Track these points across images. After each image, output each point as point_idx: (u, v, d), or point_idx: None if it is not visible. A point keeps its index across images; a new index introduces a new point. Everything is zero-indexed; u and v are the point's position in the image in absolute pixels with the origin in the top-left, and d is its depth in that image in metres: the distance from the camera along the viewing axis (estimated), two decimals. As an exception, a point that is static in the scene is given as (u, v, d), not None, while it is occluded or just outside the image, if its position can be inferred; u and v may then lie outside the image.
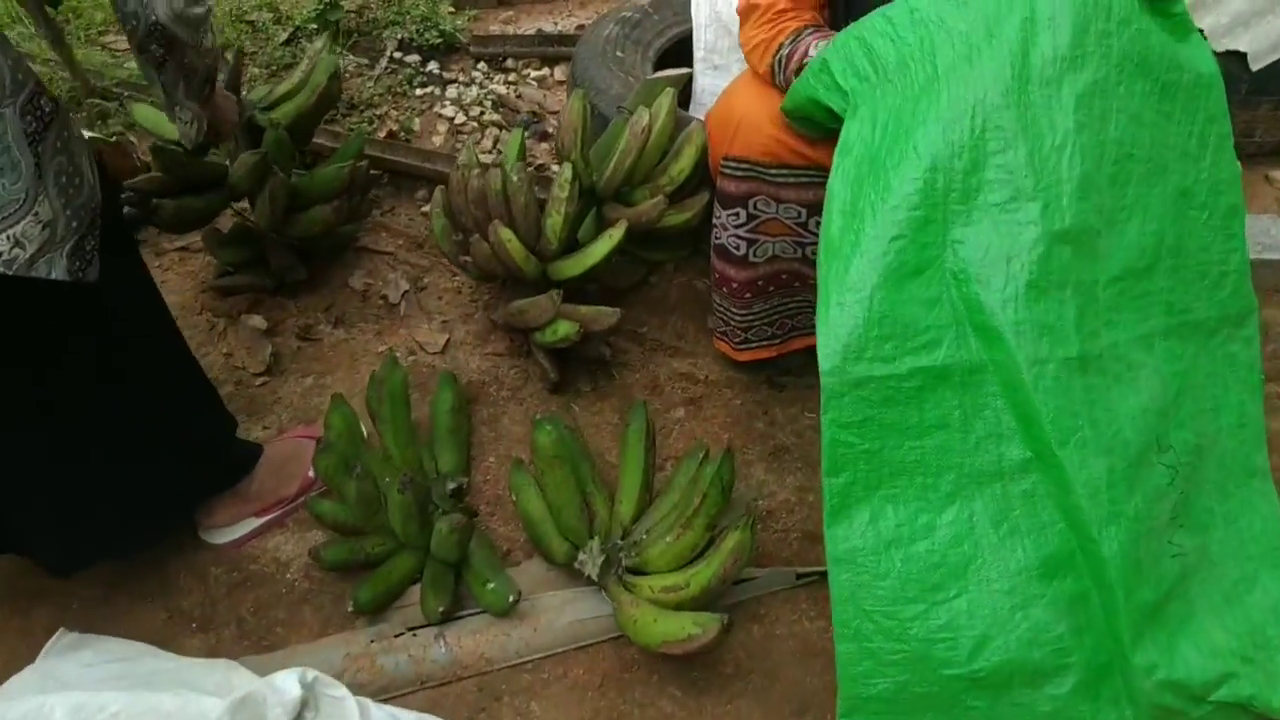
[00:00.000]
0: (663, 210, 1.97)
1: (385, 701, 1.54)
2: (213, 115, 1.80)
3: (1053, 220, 1.25)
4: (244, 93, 2.20)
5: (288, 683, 1.29)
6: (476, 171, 1.96)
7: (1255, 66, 2.45)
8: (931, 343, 1.24)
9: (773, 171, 1.74)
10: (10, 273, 1.24)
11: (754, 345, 2.03)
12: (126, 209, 2.08)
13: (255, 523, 1.85)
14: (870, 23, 1.39)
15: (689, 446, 1.93)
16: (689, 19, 2.50)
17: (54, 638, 1.61)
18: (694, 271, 2.31)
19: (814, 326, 1.30)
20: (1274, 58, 2.44)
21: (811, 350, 1.35)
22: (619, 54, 2.48)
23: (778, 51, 1.64)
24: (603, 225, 2.02)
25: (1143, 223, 1.32)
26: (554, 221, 1.93)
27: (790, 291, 1.94)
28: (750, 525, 1.59)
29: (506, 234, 1.90)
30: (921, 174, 1.24)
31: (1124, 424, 1.27)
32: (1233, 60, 2.46)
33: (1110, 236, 1.29)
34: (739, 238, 1.85)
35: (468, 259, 1.99)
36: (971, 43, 1.29)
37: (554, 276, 2.00)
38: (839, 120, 1.39)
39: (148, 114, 2.17)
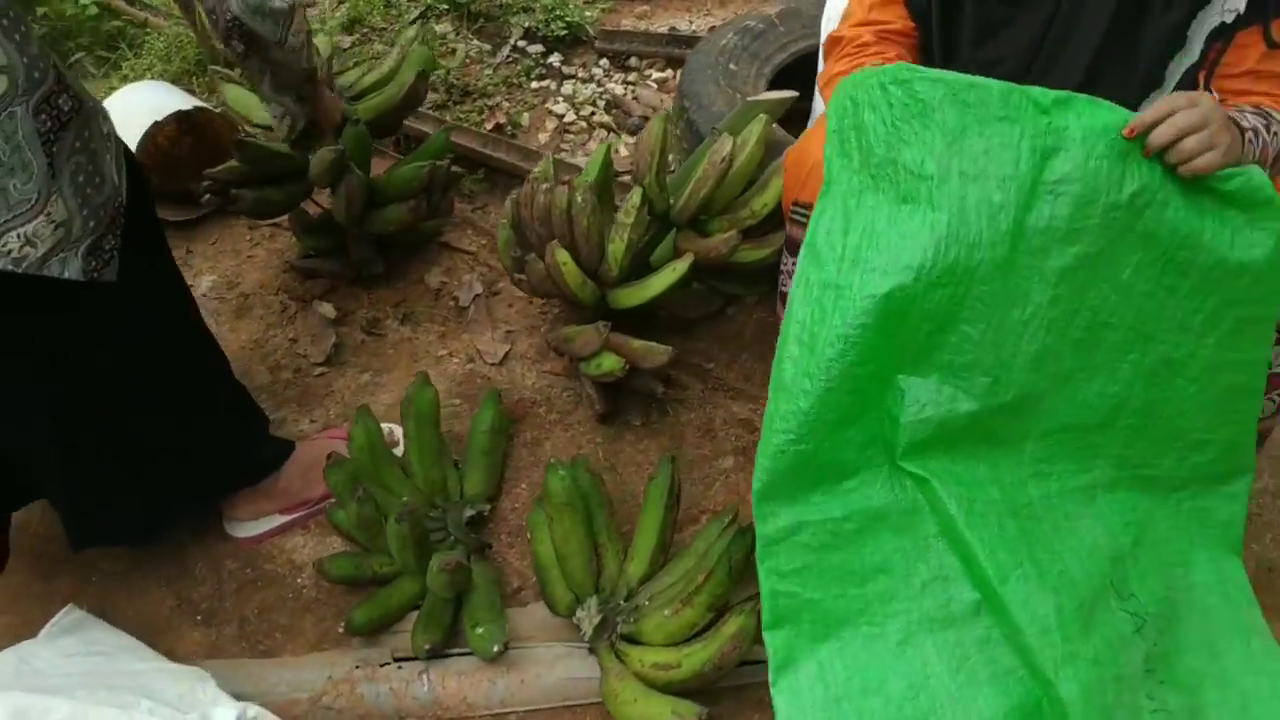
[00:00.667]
0: (734, 247, 1.83)
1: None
2: (315, 112, 1.77)
3: (995, 396, 1.18)
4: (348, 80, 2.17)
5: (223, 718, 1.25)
6: (546, 186, 1.86)
7: None
8: (865, 484, 1.20)
9: None
10: (20, 271, 1.23)
11: None
12: (206, 196, 2.09)
13: (277, 520, 1.83)
14: (876, 90, 1.23)
15: (728, 503, 1.81)
16: (817, 34, 2.33)
17: (61, 613, 1.63)
18: (775, 308, 2.16)
19: None
20: None
21: None
22: (732, 66, 2.34)
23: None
24: (676, 254, 1.91)
25: (1104, 385, 1.24)
26: (616, 247, 1.83)
27: None
28: (755, 613, 1.45)
29: (564, 256, 1.80)
30: (885, 322, 1.15)
31: (1069, 564, 1.18)
32: None
33: (1058, 395, 1.23)
34: (805, 288, 1.71)
35: (522, 277, 1.90)
36: (974, 188, 1.15)
37: (613, 304, 1.90)
38: None
39: (238, 96, 2.18)
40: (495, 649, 1.54)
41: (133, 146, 2.33)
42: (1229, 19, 1.32)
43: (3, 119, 1.17)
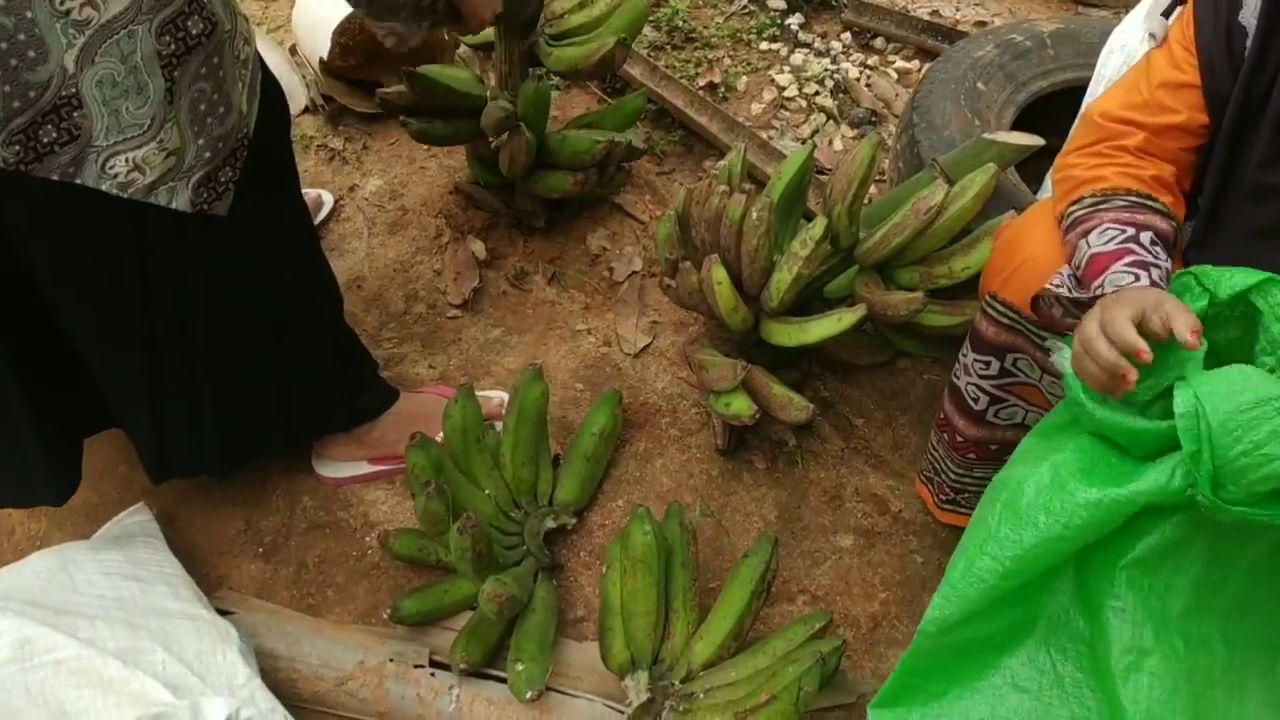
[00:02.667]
0: (917, 309, 1.58)
1: (377, 728, 1.41)
2: (462, 4, 1.58)
3: None
4: None
5: (211, 711, 1.17)
6: (723, 189, 1.65)
7: None
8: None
9: (1043, 334, 1.32)
10: (125, 196, 1.14)
11: (962, 510, 1.64)
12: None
13: (364, 469, 1.75)
14: None
15: (833, 591, 1.61)
16: (1092, 65, 1.98)
17: (128, 511, 1.61)
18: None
19: None
20: None
21: None
22: (980, 85, 2.02)
23: (1075, 204, 1.20)
24: (853, 298, 1.67)
25: None
26: (782, 278, 1.60)
27: None
28: (814, 751, 1.26)
29: (720, 275, 1.60)
30: None
31: None
32: None
33: None
34: (982, 390, 1.46)
35: (671, 284, 1.71)
36: None
37: (766, 336, 1.69)
38: None
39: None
40: (529, 695, 1.41)
41: (332, 30, 2.24)
42: None
43: (120, 37, 1.05)
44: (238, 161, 1.25)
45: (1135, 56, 1.77)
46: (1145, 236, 1.14)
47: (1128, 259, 1.11)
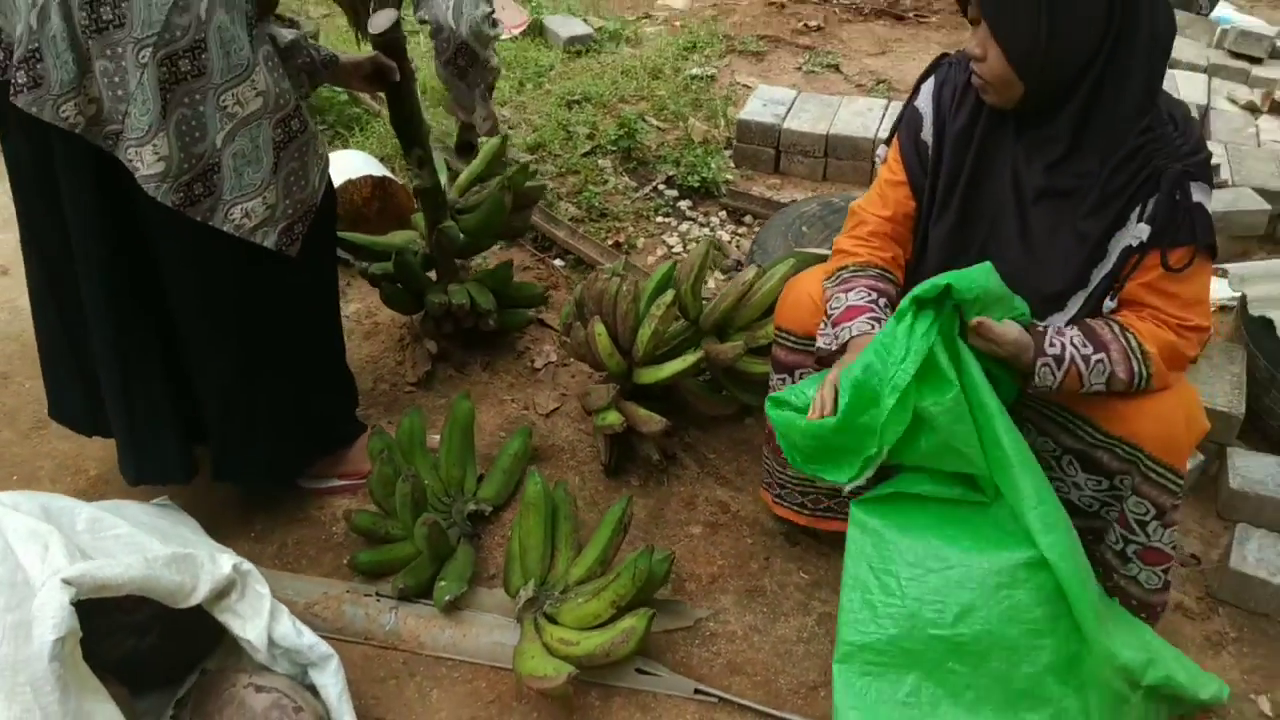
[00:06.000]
0: (738, 354, 2.24)
1: (332, 644, 1.91)
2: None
3: None
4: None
5: (222, 559, 1.70)
6: (606, 276, 2.34)
7: None
8: None
9: (816, 347, 1.94)
10: (236, 234, 1.79)
11: (787, 505, 2.18)
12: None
13: (335, 483, 2.31)
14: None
15: (683, 558, 2.16)
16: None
17: (159, 499, 2.15)
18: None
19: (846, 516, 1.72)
20: None
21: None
22: (804, 229, 2.78)
23: (837, 273, 1.85)
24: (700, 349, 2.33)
25: None
26: (644, 332, 2.26)
27: None
28: (649, 617, 1.79)
29: (599, 329, 2.26)
30: None
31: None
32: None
33: None
34: (785, 400, 2.07)
35: (567, 339, 2.37)
36: None
37: (636, 380, 2.32)
38: None
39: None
40: (447, 598, 1.93)
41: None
42: (1134, 243, 1.64)
43: (253, 127, 1.75)
44: (307, 220, 1.91)
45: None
46: (882, 300, 1.79)
47: (869, 314, 1.75)
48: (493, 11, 2.00)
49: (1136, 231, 1.61)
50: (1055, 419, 1.76)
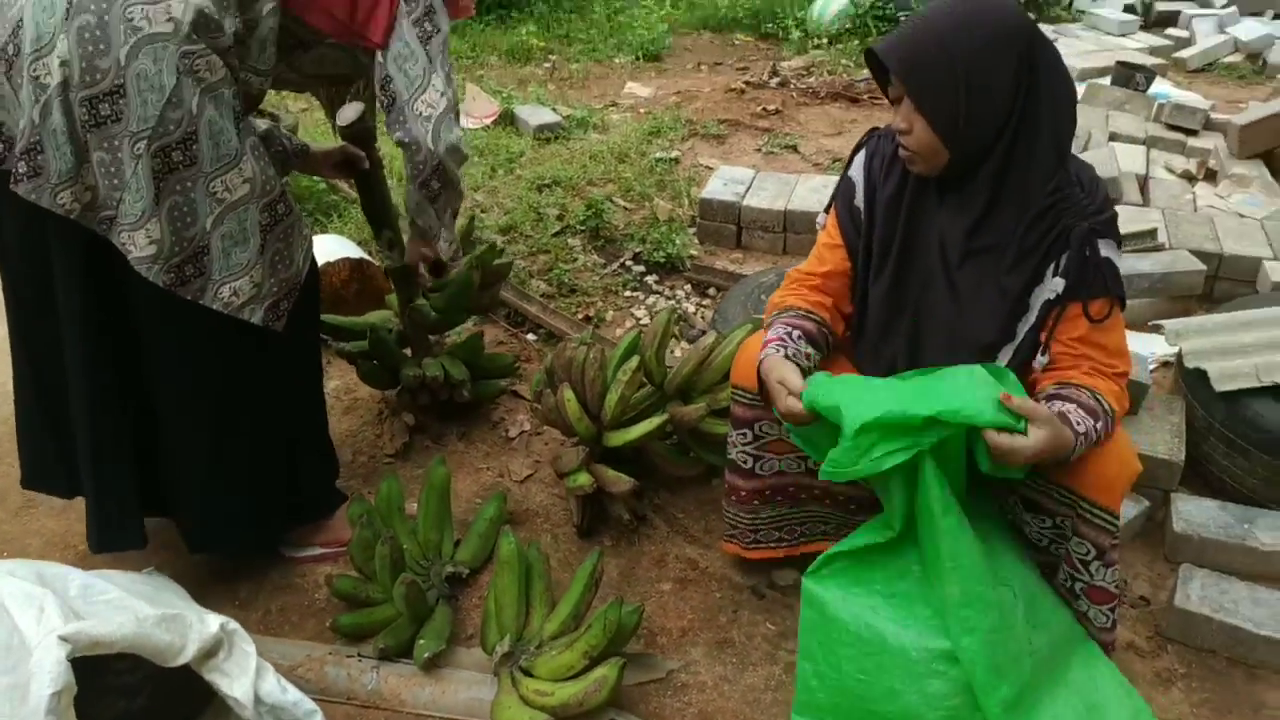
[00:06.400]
0: (702, 415, 2.36)
1: (319, 703, 1.97)
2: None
3: None
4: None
5: (210, 619, 1.77)
6: (574, 345, 2.47)
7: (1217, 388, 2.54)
8: None
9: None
10: (225, 312, 1.91)
11: (763, 545, 2.26)
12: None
13: (317, 551, 2.39)
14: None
15: (654, 613, 2.24)
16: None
17: (147, 570, 2.22)
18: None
19: (822, 534, 2.00)
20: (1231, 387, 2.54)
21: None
22: (763, 297, 2.92)
23: (772, 313, 2.00)
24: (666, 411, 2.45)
25: None
26: (611, 397, 2.38)
27: (795, 502, 2.20)
28: (620, 666, 1.87)
29: (568, 394, 2.37)
30: None
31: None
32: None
33: None
34: (746, 454, 2.17)
35: (538, 406, 2.48)
36: None
37: (606, 443, 2.43)
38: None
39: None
40: (426, 655, 2.01)
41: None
42: (1052, 296, 1.78)
43: (240, 211, 1.88)
44: (292, 297, 2.03)
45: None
46: (795, 333, 1.93)
47: (776, 342, 1.91)
48: (462, 135, 2.14)
49: (1053, 285, 1.75)
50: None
